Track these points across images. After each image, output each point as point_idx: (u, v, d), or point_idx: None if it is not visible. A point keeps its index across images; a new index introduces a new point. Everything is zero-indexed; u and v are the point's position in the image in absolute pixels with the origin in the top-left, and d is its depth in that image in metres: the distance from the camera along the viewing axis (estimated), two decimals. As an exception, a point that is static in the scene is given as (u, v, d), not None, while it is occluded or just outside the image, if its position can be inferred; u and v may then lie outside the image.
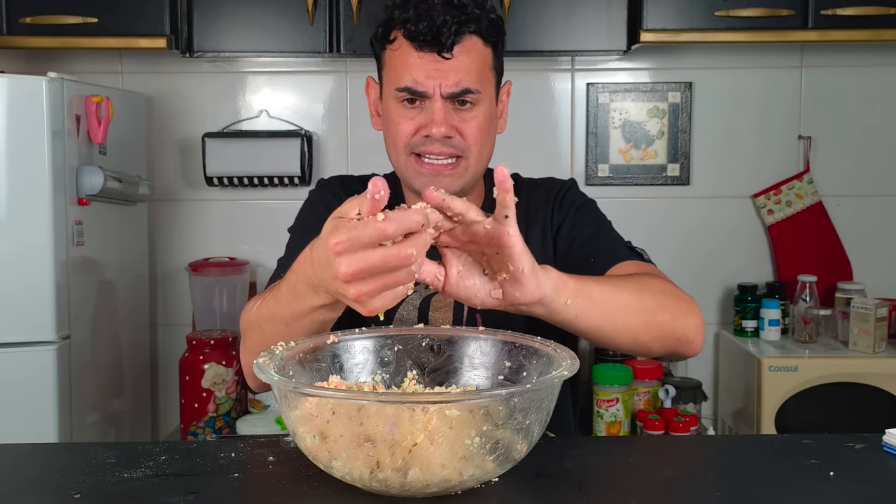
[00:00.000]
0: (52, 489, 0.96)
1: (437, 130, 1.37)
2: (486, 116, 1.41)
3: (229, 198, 2.89)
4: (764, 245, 2.94)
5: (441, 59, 1.36)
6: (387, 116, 1.43)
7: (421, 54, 1.36)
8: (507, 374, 1.05)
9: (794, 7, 2.50)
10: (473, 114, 1.40)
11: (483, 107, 1.40)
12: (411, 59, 1.37)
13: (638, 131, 2.91)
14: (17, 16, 2.49)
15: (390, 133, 1.43)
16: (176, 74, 2.88)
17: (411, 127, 1.39)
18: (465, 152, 1.40)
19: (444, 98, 1.37)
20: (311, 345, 1.04)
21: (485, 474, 0.90)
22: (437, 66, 1.36)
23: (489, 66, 1.41)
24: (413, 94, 1.38)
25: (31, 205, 2.17)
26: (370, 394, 0.96)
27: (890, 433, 1.04)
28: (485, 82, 1.40)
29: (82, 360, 2.31)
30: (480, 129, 1.40)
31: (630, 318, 1.17)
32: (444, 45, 1.35)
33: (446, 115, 1.38)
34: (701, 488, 0.95)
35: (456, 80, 1.37)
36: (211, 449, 1.05)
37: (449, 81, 1.36)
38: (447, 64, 1.36)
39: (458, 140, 1.39)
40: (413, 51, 1.36)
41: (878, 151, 2.91)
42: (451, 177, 1.40)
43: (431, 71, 1.36)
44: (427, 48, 1.36)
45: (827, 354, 2.59)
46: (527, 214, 1.48)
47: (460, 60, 1.37)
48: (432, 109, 1.37)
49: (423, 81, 1.36)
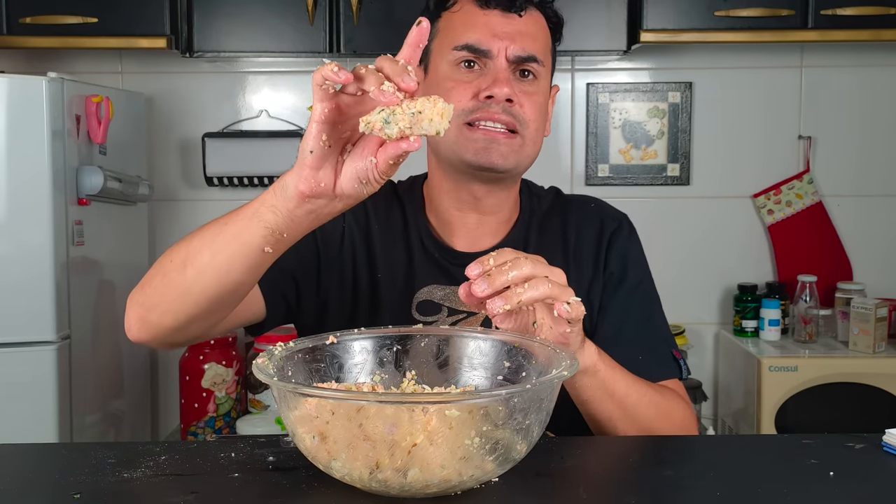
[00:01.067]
0: (52, 489, 0.96)
1: (501, 91, 1.24)
2: (544, 100, 1.31)
3: (229, 198, 2.89)
4: (764, 245, 2.94)
5: (510, 16, 1.26)
6: (437, 87, 1.28)
7: (487, 11, 1.26)
8: (506, 374, 1.05)
9: (794, 7, 2.50)
10: (535, 88, 1.29)
11: (542, 86, 1.30)
12: (475, 18, 1.27)
13: (638, 131, 2.91)
14: (17, 16, 2.50)
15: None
16: (176, 74, 2.88)
17: (468, 91, 1.26)
18: (522, 127, 1.27)
19: (509, 61, 1.26)
20: (310, 345, 1.04)
21: (484, 474, 0.90)
22: (506, 26, 1.26)
23: (549, 48, 1.32)
24: (475, 52, 1.26)
25: (31, 205, 2.17)
26: (370, 394, 0.96)
27: (890, 433, 1.04)
28: (546, 62, 1.30)
29: (82, 360, 2.31)
30: (539, 107, 1.29)
31: (629, 429, 1.20)
32: (514, 3, 1.25)
33: (510, 78, 1.26)
34: (701, 488, 0.95)
35: (523, 45, 1.26)
36: (211, 449, 1.05)
37: (517, 44, 1.26)
38: (516, 23, 1.26)
39: (518, 110, 1.26)
40: (478, 9, 1.27)
41: (878, 151, 2.91)
42: (507, 146, 1.27)
43: (498, 30, 1.26)
44: (494, 5, 1.26)
45: (827, 354, 2.59)
46: (575, 241, 1.37)
47: (529, 25, 1.27)
48: (496, 69, 1.26)
49: (487, 40, 1.25)
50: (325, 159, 0.95)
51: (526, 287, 0.99)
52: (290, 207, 0.98)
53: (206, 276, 1.07)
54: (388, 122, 0.90)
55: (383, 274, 1.34)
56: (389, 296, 1.34)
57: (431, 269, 1.34)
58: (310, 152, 0.94)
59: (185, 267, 1.08)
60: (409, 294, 1.33)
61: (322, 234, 1.32)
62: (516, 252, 1.02)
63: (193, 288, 1.08)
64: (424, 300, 1.33)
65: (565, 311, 1.00)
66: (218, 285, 1.07)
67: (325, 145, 0.94)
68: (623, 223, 1.41)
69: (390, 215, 1.38)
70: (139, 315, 1.15)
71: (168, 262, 1.12)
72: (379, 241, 1.36)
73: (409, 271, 1.34)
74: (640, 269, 1.40)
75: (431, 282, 1.34)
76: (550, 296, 1.00)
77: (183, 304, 1.10)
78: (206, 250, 1.06)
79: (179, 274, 1.09)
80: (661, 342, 1.36)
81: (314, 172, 0.95)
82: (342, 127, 0.95)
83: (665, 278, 2.90)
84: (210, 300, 1.09)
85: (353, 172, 0.95)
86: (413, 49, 0.95)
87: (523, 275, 0.99)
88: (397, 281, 1.34)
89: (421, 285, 1.33)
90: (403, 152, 0.92)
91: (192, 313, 1.11)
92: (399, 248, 1.36)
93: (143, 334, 1.16)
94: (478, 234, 1.36)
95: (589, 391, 1.15)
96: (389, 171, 0.94)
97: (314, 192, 0.96)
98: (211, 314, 1.12)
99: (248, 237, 1.02)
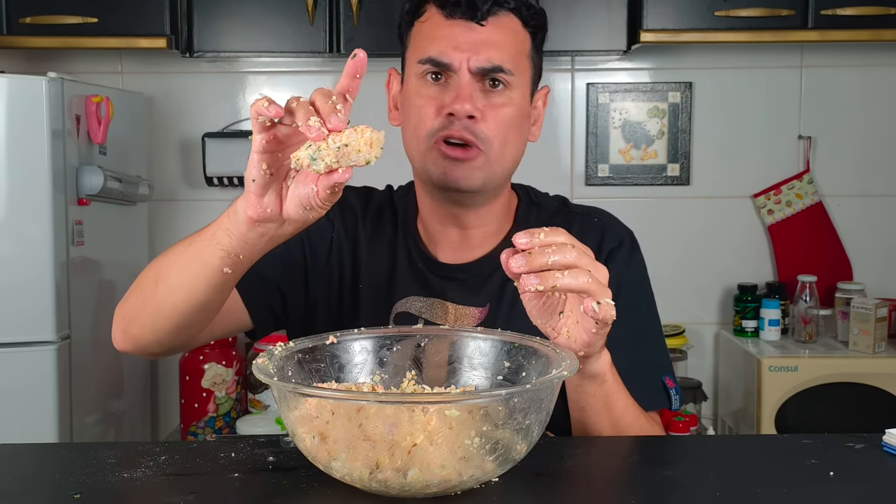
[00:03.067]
0: (52, 489, 0.96)
1: (462, 108, 1.21)
2: (517, 110, 1.26)
3: (229, 198, 2.89)
4: (764, 245, 2.94)
5: (473, 26, 1.22)
6: (407, 102, 1.28)
7: (451, 22, 1.23)
8: (506, 374, 1.05)
9: (794, 7, 2.50)
10: (503, 100, 1.24)
11: (515, 96, 1.25)
12: (439, 30, 1.23)
13: (638, 131, 2.91)
14: (17, 16, 2.50)
15: (411, 120, 1.27)
16: (176, 74, 2.88)
17: (433, 107, 1.24)
18: (485, 144, 1.23)
19: (473, 73, 1.23)
20: (310, 345, 1.04)
21: (484, 474, 0.90)
22: (468, 37, 1.22)
23: (525, 53, 1.28)
24: (437, 65, 1.23)
25: (31, 205, 2.17)
26: (370, 394, 0.96)
27: (890, 433, 1.04)
28: (520, 69, 1.26)
29: (82, 360, 2.31)
30: (507, 121, 1.25)
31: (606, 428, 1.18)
32: (478, 12, 1.22)
33: (472, 92, 1.22)
34: (701, 488, 0.95)
35: (487, 55, 1.22)
36: (211, 449, 1.05)
37: (479, 55, 1.22)
38: (479, 33, 1.23)
39: (481, 127, 1.23)
40: (442, 20, 1.24)
41: (878, 151, 2.91)
42: (469, 166, 1.24)
43: (460, 42, 1.22)
44: (458, 15, 1.23)
45: (827, 354, 2.59)
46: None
47: (494, 33, 1.23)
48: (458, 84, 1.22)
49: (448, 52, 1.22)
50: (268, 186, 0.98)
51: (565, 274, 0.96)
52: (243, 231, 1.02)
53: (174, 293, 1.13)
54: (314, 159, 0.92)
55: (365, 284, 1.35)
56: (369, 306, 1.33)
57: (414, 280, 1.33)
58: (252, 181, 0.98)
59: (157, 284, 1.15)
60: (388, 306, 1.32)
61: (310, 242, 1.33)
62: (568, 237, 0.99)
63: (165, 305, 1.14)
64: (402, 312, 1.32)
65: (592, 310, 0.98)
66: (186, 303, 1.12)
67: (266, 174, 0.97)
68: (625, 242, 1.36)
69: (380, 223, 1.38)
70: (122, 327, 1.23)
71: (144, 277, 1.19)
72: (365, 250, 1.36)
73: (391, 282, 1.34)
74: (636, 291, 1.34)
75: (412, 293, 1.33)
76: (587, 290, 0.97)
77: (157, 318, 1.16)
78: (174, 269, 1.12)
79: (153, 291, 1.16)
80: (652, 370, 1.32)
81: (259, 199, 0.99)
82: (282, 156, 0.98)
83: (665, 278, 2.93)
84: (181, 316, 1.14)
85: (297, 199, 0.98)
86: (349, 80, 0.97)
87: (565, 262, 0.96)
88: (378, 292, 1.34)
89: (401, 296, 1.33)
90: (336, 183, 0.94)
91: (166, 328, 1.17)
92: (384, 258, 1.35)
93: (126, 345, 1.23)
94: (462, 248, 1.34)
95: (591, 399, 1.14)
96: (331, 199, 0.97)
97: (262, 217, 0.99)
98: (185, 328, 1.17)
99: (207, 258, 1.07)
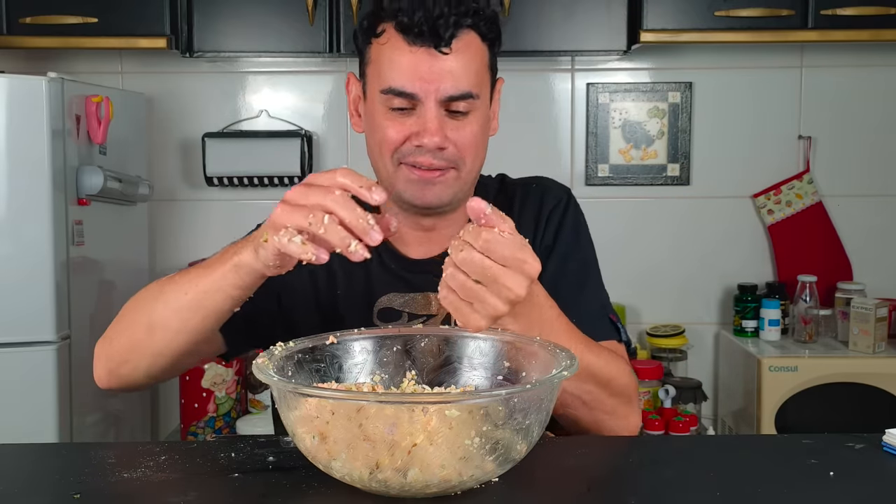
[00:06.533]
0: (52, 489, 0.96)
1: (431, 141, 1.21)
2: (482, 123, 1.27)
3: (229, 198, 2.89)
4: (764, 245, 2.94)
5: (437, 54, 1.20)
6: (371, 120, 1.28)
7: (413, 49, 1.20)
8: (506, 374, 1.05)
9: (794, 7, 2.50)
10: (469, 120, 1.25)
11: (479, 112, 1.26)
12: (401, 56, 1.21)
13: (638, 131, 2.91)
14: (17, 16, 2.50)
15: (375, 139, 1.27)
16: (176, 74, 2.88)
17: (400, 135, 1.24)
18: (458, 164, 1.26)
19: (439, 103, 1.22)
20: (310, 345, 1.04)
21: (484, 475, 0.90)
22: (432, 66, 1.20)
23: (486, 65, 1.27)
24: (402, 95, 1.22)
25: (31, 205, 2.17)
26: (370, 394, 0.96)
27: (890, 433, 1.04)
28: (483, 85, 1.26)
29: (82, 360, 2.31)
30: (476, 137, 1.26)
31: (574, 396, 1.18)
32: (441, 39, 1.19)
33: (441, 122, 1.22)
34: (701, 488, 0.95)
35: (454, 84, 1.21)
36: (211, 449, 1.05)
37: (447, 84, 1.21)
38: (444, 63, 1.20)
39: (451, 151, 1.24)
40: (404, 45, 1.21)
41: (878, 151, 2.91)
42: (442, 185, 1.26)
43: (425, 71, 1.20)
44: (421, 42, 1.20)
45: (827, 354, 2.59)
46: (518, 225, 1.37)
47: (458, 59, 1.21)
48: (425, 117, 1.22)
49: (413, 83, 1.21)
50: (283, 257, 1.03)
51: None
52: (255, 279, 1.08)
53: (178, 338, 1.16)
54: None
55: (342, 290, 1.35)
56: (350, 309, 1.34)
57: (389, 278, 1.34)
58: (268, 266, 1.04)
59: (154, 331, 1.16)
60: (369, 304, 1.33)
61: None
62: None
63: (166, 350, 1.17)
64: (385, 308, 1.33)
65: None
66: (189, 343, 1.17)
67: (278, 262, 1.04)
68: (562, 199, 1.39)
69: None
70: (109, 368, 1.23)
71: (133, 322, 1.19)
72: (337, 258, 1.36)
73: (368, 283, 1.34)
74: (574, 237, 1.37)
75: (390, 290, 1.33)
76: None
77: (155, 362, 1.19)
78: (175, 318, 1.15)
79: (147, 337, 1.17)
80: (596, 306, 1.34)
81: (277, 269, 1.05)
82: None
83: (665, 278, 2.93)
84: (183, 355, 1.19)
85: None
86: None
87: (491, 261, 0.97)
88: (357, 294, 1.34)
89: (380, 294, 1.33)
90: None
91: (164, 367, 1.20)
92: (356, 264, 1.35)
93: (113, 384, 1.24)
94: (429, 243, 1.36)
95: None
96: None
97: (279, 272, 1.06)
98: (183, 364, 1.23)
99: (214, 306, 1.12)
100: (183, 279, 1.14)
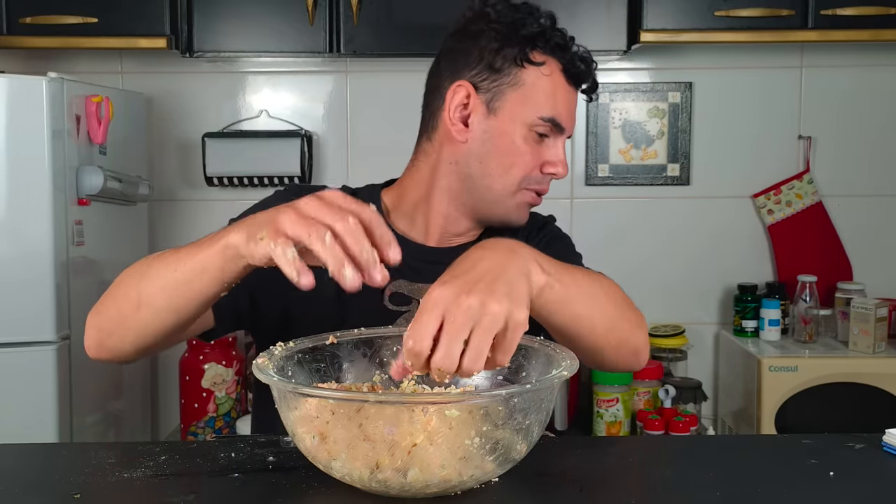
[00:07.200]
0: (52, 489, 0.96)
1: (563, 172, 1.37)
2: None
3: (229, 198, 2.89)
4: (764, 245, 2.94)
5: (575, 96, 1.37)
6: (502, 138, 1.35)
7: (569, 89, 1.36)
8: (506, 374, 1.05)
9: (794, 7, 2.50)
10: None
11: None
12: (564, 94, 1.35)
13: (638, 131, 2.91)
14: (17, 16, 2.49)
15: (506, 159, 1.35)
16: (176, 74, 2.88)
17: (534, 161, 1.35)
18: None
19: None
20: (310, 345, 1.05)
21: (484, 475, 0.90)
22: (574, 107, 1.38)
23: None
24: (557, 127, 1.35)
25: (31, 205, 2.17)
26: (370, 394, 0.96)
27: (890, 433, 1.04)
28: None
29: (82, 360, 2.31)
30: None
31: (597, 318, 1.12)
32: (589, 87, 1.38)
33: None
34: (701, 488, 0.95)
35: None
36: (211, 449, 1.05)
37: (573, 122, 1.39)
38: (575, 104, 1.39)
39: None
40: (565, 83, 1.35)
41: (878, 151, 2.91)
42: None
43: (572, 111, 1.37)
44: (578, 86, 1.37)
45: (827, 354, 2.59)
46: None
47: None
48: (560, 150, 1.36)
49: (566, 118, 1.36)
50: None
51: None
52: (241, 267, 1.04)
53: (162, 316, 1.14)
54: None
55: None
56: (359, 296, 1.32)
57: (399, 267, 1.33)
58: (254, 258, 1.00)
59: (140, 307, 1.14)
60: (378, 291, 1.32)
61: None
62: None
63: (150, 326, 1.15)
64: (396, 292, 1.34)
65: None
66: (175, 322, 1.15)
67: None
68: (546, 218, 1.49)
69: None
70: (98, 339, 1.22)
71: (124, 296, 1.17)
72: None
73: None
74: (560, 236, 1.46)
75: (400, 277, 1.34)
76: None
77: (140, 336, 1.18)
78: (161, 295, 1.12)
79: (134, 313, 1.15)
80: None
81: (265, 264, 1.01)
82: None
83: (665, 278, 2.93)
84: (168, 332, 1.17)
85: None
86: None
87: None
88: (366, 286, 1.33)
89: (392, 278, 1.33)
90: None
91: (150, 342, 1.19)
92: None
93: (101, 355, 1.23)
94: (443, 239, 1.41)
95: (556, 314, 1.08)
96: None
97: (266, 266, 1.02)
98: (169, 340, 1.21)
99: (204, 289, 1.08)
100: (173, 256, 1.11)
